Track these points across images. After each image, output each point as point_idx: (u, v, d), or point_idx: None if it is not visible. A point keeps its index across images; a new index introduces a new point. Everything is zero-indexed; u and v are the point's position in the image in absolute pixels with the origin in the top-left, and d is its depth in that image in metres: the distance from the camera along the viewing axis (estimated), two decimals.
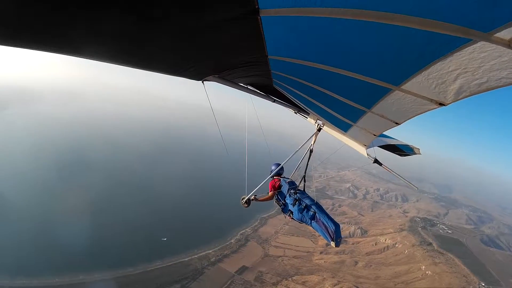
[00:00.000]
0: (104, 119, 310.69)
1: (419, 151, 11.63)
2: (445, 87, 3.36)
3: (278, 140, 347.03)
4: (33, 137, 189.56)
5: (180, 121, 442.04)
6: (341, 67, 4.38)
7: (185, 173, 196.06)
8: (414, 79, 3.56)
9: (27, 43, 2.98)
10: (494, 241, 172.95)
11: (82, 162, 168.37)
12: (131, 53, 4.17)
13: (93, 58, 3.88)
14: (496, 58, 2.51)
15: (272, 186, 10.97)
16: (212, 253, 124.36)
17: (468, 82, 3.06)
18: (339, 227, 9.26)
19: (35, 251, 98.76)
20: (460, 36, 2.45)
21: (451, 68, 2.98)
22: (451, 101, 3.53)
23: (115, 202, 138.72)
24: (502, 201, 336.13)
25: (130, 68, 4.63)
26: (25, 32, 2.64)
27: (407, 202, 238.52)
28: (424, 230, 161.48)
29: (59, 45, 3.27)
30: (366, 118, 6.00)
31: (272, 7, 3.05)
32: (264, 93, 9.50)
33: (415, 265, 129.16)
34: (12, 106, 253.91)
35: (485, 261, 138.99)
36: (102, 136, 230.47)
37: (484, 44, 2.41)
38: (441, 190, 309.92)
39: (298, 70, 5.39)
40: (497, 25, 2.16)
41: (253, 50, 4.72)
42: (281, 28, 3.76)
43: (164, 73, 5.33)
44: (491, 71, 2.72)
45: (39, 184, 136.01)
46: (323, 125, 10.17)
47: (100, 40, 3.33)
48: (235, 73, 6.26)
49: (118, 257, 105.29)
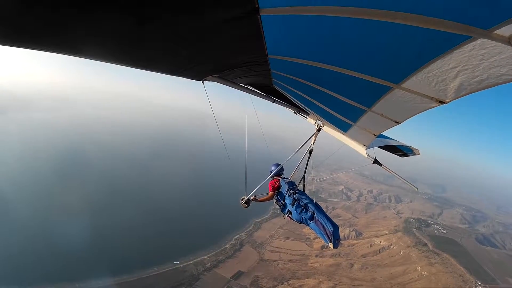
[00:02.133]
0: (97, 125, 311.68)
1: (418, 152, 11.76)
2: (445, 85, 3.37)
3: (279, 141, 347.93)
4: (27, 143, 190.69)
5: (175, 125, 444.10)
6: (341, 66, 4.39)
7: (179, 179, 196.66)
8: (414, 77, 3.57)
9: (27, 43, 2.96)
10: (489, 240, 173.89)
11: (77, 169, 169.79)
12: (131, 53, 4.15)
13: (93, 58, 3.87)
14: (496, 55, 2.53)
15: (272, 186, 10.97)
16: (208, 259, 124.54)
17: (468, 80, 3.06)
18: (337, 228, 9.24)
19: (32, 260, 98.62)
20: (460, 33, 2.48)
21: (451, 65, 2.98)
22: (452, 98, 3.54)
23: (109, 209, 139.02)
24: (496, 199, 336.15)
25: (130, 68, 4.58)
26: (25, 32, 2.62)
27: (401, 203, 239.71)
28: (419, 231, 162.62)
29: (59, 45, 3.26)
30: (366, 118, 6.00)
31: (272, 6, 3.05)
32: (264, 93, 9.53)
33: (411, 266, 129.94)
34: (8, 112, 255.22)
35: (481, 260, 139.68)
36: (97, 142, 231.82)
37: (484, 41, 2.45)
38: (434, 190, 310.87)
39: (298, 69, 5.40)
40: (497, 22, 2.17)
41: (253, 50, 4.73)
42: (281, 27, 3.75)
43: (164, 73, 5.29)
44: (491, 68, 2.72)
45: (32, 191, 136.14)
46: (323, 125, 10.26)
47: (100, 40, 3.31)
48: (235, 73, 6.25)
49: (113, 264, 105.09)
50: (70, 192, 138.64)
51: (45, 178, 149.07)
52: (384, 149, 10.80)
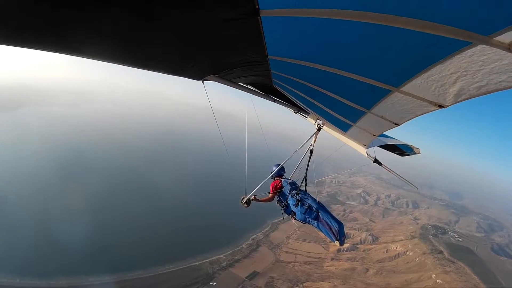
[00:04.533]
0: (110, 120, 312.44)
1: (419, 151, 11.69)
2: (445, 90, 3.41)
3: (278, 141, 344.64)
4: (43, 137, 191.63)
5: (191, 123, 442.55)
6: (341, 68, 4.43)
7: (194, 176, 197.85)
8: (414, 81, 3.61)
9: (27, 43, 3.03)
10: (504, 250, 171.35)
11: (88, 164, 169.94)
12: (131, 53, 4.21)
13: (93, 57, 3.93)
14: (496, 61, 2.56)
15: (273, 187, 11.01)
16: (224, 258, 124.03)
17: (468, 85, 3.11)
18: (342, 226, 9.32)
19: (43, 252, 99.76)
20: (460, 39, 2.51)
21: (450, 70, 3.03)
22: (450, 103, 3.58)
23: (122, 204, 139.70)
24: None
25: (130, 68, 4.64)
26: (25, 31, 2.68)
27: (418, 209, 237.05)
28: (435, 238, 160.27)
29: (59, 45, 3.33)
30: (366, 119, 6.07)
31: (272, 7, 3.10)
32: (264, 92, 9.52)
33: (426, 273, 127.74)
34: (26, 106, 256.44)
35: (496, 271, 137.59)
36: (110, 138, 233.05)
37: (484, 47, 2.47)
38: (451, 197, 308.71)
39: (298, 70, 5.44)
40: (497, 28, 2.17)
41: (253, 51, 4.76)
42: (281, 29, 3.80)
43: (164, 73, 5.34)
44: (490, 74, 2.77)
45: (44, 184, 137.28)
46: (323, 124, 10.27)
47: (100, 40, 3.36)
48: (235, 72, 6.27)
49: (129, 260, 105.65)
50: (84, 185, 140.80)
51: (56, 171, 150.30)
52: (385, 148, 10.85)
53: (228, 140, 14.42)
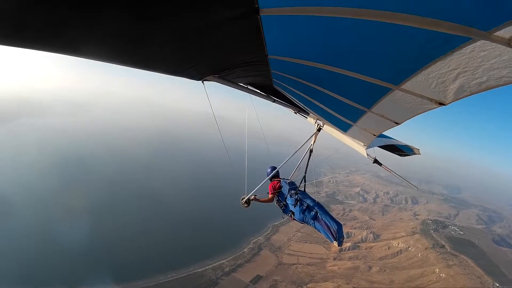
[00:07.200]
0: (107, 128, 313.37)
1: (418, 151, 11.67)
2: (445, 87, 3.40)
3: (279, 141, 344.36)
4: (39, 148, 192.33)
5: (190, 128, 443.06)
6: (341, 67, 4.41)
7: (192, 182, 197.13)
8: (414, 79, 3.59)
9: (26, 43, 3.02)
10: (505, 241, 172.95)
11: (88, 173, 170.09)
12: (131, 53, 4.18)
13: (92, 58, 3.91)
14: (496, 57, 2.55)
15: (272, 188, 11.04)
16: (226, 263, 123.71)
17: (468, 81, 3.09)
18: (341, 226, 9.29)
19: (44, 261, 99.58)
20: (460, 34, 2.50)
21: (451, 67, 3.01)
22: (451, 100, 3.57)
23: (122, 213, 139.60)
24: (511, 200, 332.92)
25: (130, 68, 4.60)
26: (24, 31, 2.66)
27: (417, 204, 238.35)
28: (436, 233, 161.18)
29: (59, 45, 3.31)
30: (366, 118, 6.02)
31: (272, 6, 3.08)
32: (264, 93, 9.46)
33: (429, 268, 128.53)
34: (21, 117, 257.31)
35: (498, 262, 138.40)
36: (108, 146, 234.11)
37: (484, 43, 2.45)
38: (450, 191, 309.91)
39: (298, 69, 5.42)
40: (497, 23, 2.15)
41: (253, 50, 4.73)
42: (281, 28, 3.79)
43: (164, 73, 5.33)
44: (491, 70, 2.75)
45: (40, 196, 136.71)
46: (323, 125, 10.27)
47: (99, 40, 3.34)
48: (235, 73, 6.22)
49: (130, 269, 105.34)
50: (82, 196, 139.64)
51: (53, 183, 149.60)
52: (384, 149, 10.81)
53: (226, 144, 14.30)
